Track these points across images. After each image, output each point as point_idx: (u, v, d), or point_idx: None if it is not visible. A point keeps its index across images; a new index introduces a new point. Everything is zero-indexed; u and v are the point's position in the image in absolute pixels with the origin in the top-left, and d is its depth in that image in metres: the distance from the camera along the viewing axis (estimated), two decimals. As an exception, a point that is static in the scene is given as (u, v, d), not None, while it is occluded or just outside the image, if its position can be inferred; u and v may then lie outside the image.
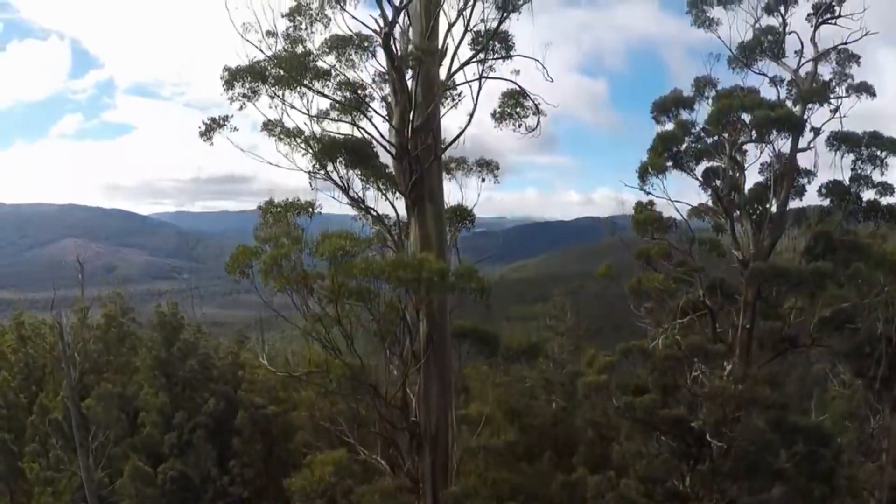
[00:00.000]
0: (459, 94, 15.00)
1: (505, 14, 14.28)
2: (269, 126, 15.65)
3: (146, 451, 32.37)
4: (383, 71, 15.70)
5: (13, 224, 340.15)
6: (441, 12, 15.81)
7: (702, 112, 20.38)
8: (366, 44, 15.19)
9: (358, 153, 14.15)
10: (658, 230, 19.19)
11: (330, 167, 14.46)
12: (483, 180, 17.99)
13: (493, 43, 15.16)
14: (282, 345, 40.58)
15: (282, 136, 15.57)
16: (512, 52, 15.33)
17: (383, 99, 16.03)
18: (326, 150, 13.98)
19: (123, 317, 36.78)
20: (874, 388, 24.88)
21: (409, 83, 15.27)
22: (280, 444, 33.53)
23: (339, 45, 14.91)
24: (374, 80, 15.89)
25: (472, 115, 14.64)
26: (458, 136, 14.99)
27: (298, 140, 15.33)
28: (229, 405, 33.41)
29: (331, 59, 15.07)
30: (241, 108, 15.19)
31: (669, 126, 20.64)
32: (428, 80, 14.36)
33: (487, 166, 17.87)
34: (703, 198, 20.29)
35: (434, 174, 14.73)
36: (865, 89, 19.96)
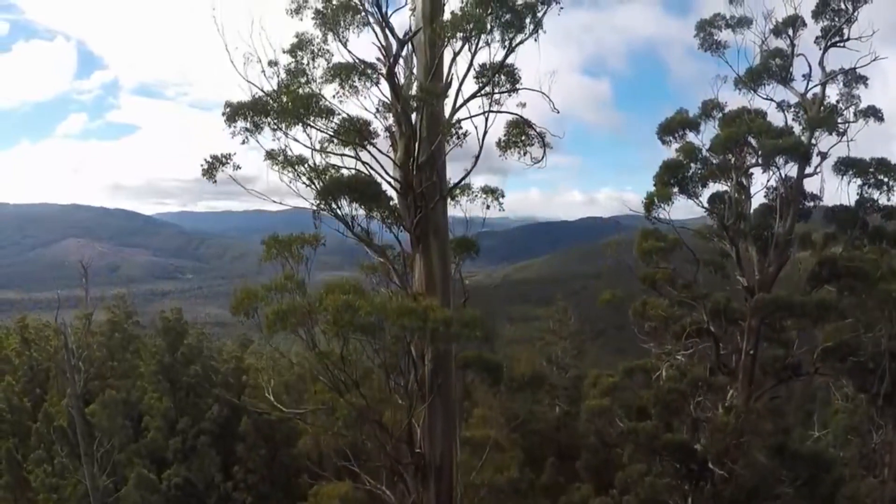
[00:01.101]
0: (465, 134, 14.90)
1: (510, 48, 14.14)
2: (273, 155, 15.59)
3: (150, 457, 32.60)
4: (387, 101, 15.62)
5: (16, 224, 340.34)
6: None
7: (708, 132, 20.34)
8: (369, 71, 15.13)
9: (362, 192, 14.08)
10: (663, 258, 19.18)
11: (334, 204, 14.41)
12: (488, 207, 17.95)
13: (498, 77, 15.05)
14: (286, 345, 40.53)
15: (285, 165, 15.52)
16: (518, 86, 15.21)
17: (387, 129, 15.93)
18: (330, 190, 13.92)
19: (127, 321, 36.90)
20: (877, 404, 24.92)
21: (413, 116, 15.21)
22: (284, 450, 33.76)
23: (342, 72, 14.83)
24: (377, 110, 15.82)
25: (477, 158, 14.56)
26: (463, 178, 14.94)
27: (302, 168, 15.27)
28: (233, 411, 33.61)
29: (334, 86, 15.01)
30: (243, 142, 15.13)
31: (675, 146, 20.59)
32: (433, 117, 14.27)
33: (492, 193, 17.81)
34: (709, 218, 20.19)
35: (439, 212, 14.66)
36: (873, 114, 19.82)
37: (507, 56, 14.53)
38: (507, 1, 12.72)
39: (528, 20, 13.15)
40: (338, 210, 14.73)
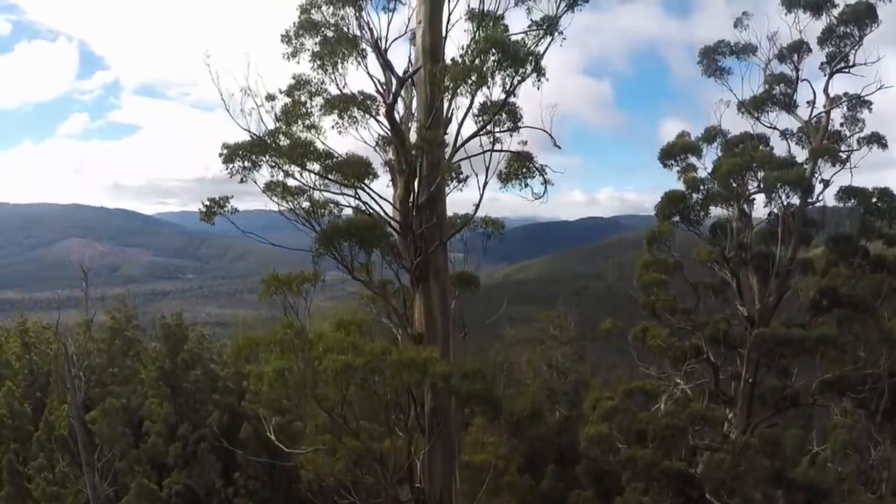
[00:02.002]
0: (465, 179, 14.80)
1: (511, 90, 14.01)
2: (272, 187, 15.51)
3: (151, 462, 32.73)
4: (387, 135, 15.53)
5: (17, 224, 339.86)
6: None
7: (710, 154, 20.27)
8: (368, 102, 15.05)
9: (362, 239, 14.01)
10: (663, 290, 19.14)
11: (334, 249, 14.35)
12: (489, 238, 17.91)
13: (499, 116, 14.93)
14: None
15: (284, 196, 15.44)
16: (520, 124, 15.12)
17: (386, 163, 15.83)
18: (329, 237, 13.86)
19: (127, 324, 36.87)
20: (875, 421, 24.98)
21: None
22: (284, 456, 33.70)
23: (341, 103, 14.72)
24: (377, 144, 15.73)
25: (478, 206, 14.51)
26: (462, 227, 14.87)
27: (301, 205, 15.20)
28: (233, 417, 33.68)
29: (333, 116, 14.92)
30: (241, 181, 15.05)
31: (676, 168, 20.50)
32: (433, 159, 14.18)
33: (493, 223, 17.75)
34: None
35: (439, 254, 14.60)
36: (877, 140, 19.69)
37: (508, 97, 14.42)
38: (508, 49, 12.55)
39: (529, 67, 13.00)
40: (337, 254, 14.66)
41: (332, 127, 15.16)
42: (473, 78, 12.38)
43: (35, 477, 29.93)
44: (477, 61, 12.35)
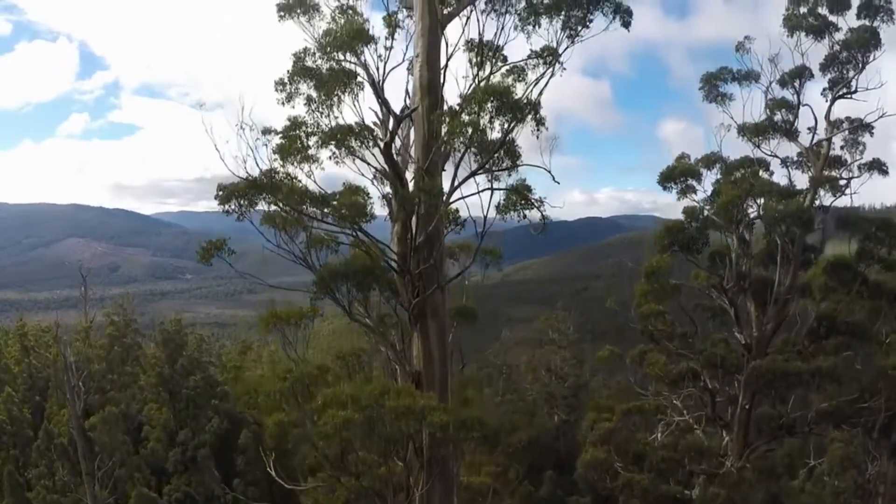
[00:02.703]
0: (463, 223, 14.69)
1: (509, 132, 13.91)
2: (269, 218, 15.44)
3: (150, 468, 32.82)
4: (384, 168, 15.44)
5: (17, 224, 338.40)
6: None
7: (710, 177, 20.20)
8: (365, 133, 14.95)
9: (360, 282, 13.96)
10: (660, 321, 19.10)
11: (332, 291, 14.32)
12: (487, 266, 17.87)
13: (498, 155, 14.82)
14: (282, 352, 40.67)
15: (283, 227, 15.39)
16: (518, 162, 15.00)
17: (384, 197, 15.73)
18: (326, 281, 13.80)
19: (127, 328, 36.84)
20: (872, 436, 25.02)
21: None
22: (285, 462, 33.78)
23: (339, 133, 14.62)
24: (374, 177, 15.66)
25: (476, 252, 14.43)
26: (459, 274, 14.83)
27: (297, 241, 15.14)
28: (232, 423, 33.75)
29: (331, 147, 14.82)
30: (238, 219, 14.98)
31: (675, 191, 20.42)
32: (430, 207, 14.10)
33: (491, 253, 17.68)
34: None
35: (437, 294, 14.55)
36: (878, 167, 19.59)
37: (505, 137, 14.32)
38: (507, 100, 12.45)
39: (529, 116, 12.92)
40: (336, 294, 14.62)
41: (330, 157, 15.08)
42: (470, 132, 12.27)
43: (35, 485, 30.08)
44: (475, 116, 12.23)
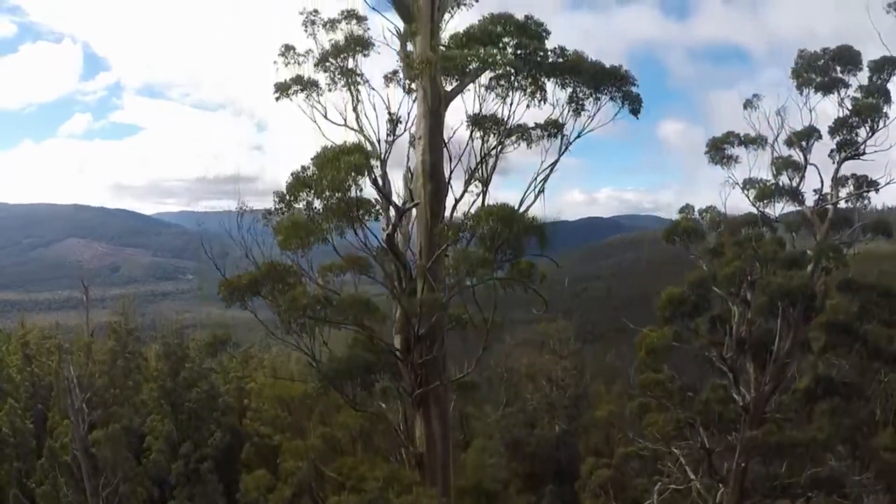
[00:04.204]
0: (465, 323, 14.62)
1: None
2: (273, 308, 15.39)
3: (153, 480, 33.09)
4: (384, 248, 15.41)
5: (17, 224, 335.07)
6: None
7: (713, 236, 20.05)
8: (371, 208, 14.92)
9: (363, 379, 13.94)
10: (659, 389, 19.09)
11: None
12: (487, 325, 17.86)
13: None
14: (283, 358, 40.95)
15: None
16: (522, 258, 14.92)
17: (387, 276, 15.66)
18: (330, 378, 13.79)
19: (128, 337, 36.80)
20: (865, 463, 25.18)
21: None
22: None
23: (339, 210, 14.53)
24: (376, 253, 15.63)
25: (478, 360, 14.35)
26: (463, 375, 14.76)
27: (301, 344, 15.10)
28: (235, 437, 33.96)
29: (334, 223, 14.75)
30: (243, 308, 15.03)
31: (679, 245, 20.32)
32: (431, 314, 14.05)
33: (494, 324, 17.66)
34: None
35: (439, 386, 14.56)
36: (883, 230, 19.36)
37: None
38: (510, 221, 12.35)
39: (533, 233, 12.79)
40: (340, 387, 14.65)
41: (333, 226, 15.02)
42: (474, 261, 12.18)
43: (40, 503, 30.38)
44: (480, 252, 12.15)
